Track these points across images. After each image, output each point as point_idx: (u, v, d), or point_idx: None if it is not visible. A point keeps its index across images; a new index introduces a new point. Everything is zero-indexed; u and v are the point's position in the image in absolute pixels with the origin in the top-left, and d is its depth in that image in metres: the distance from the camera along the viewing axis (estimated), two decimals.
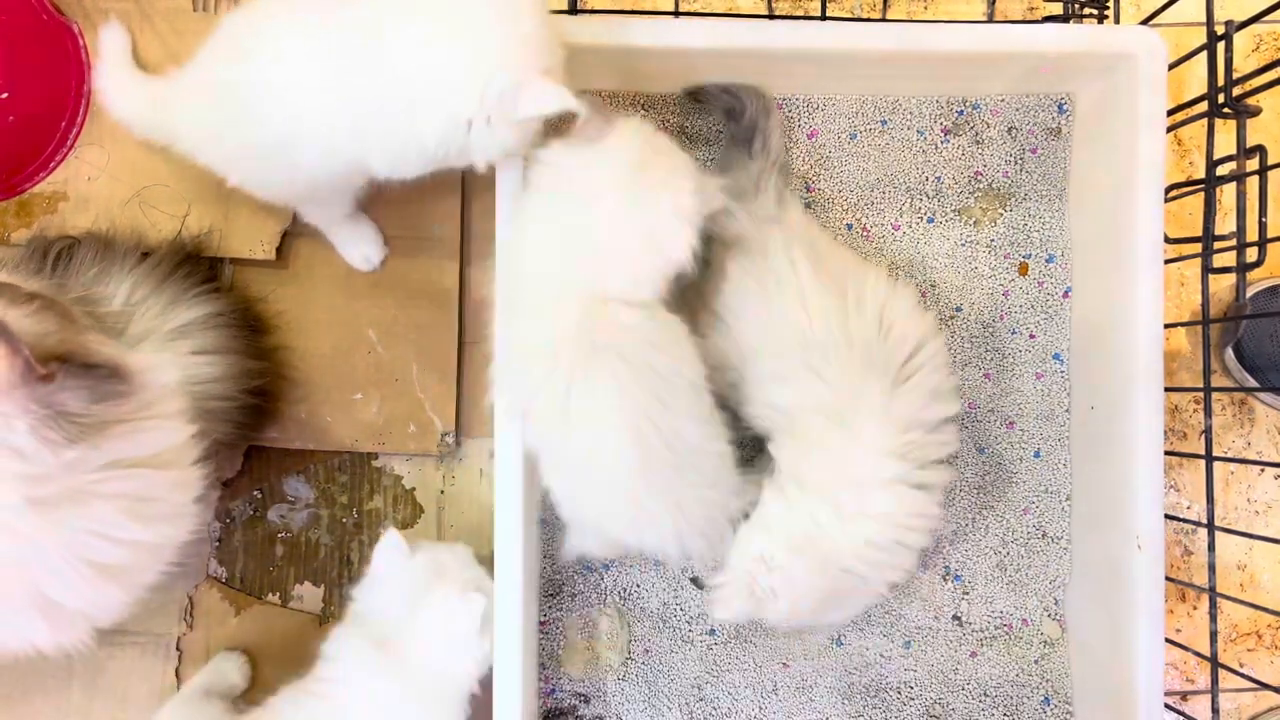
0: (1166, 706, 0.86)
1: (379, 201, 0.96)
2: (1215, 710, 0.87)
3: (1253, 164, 0.86)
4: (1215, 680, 0.88)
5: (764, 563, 0.78)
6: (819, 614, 0.83)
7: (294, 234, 0.98)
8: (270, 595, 0.99)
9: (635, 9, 0.97)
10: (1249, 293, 1.01)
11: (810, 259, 0.83)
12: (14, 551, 0.64)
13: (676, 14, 0.97)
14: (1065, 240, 0.97)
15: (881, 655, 0.95)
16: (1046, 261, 0.97)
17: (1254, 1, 0.83)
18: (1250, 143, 0.86)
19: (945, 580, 0.96)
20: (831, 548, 0.79)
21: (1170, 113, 0.87)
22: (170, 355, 0.82)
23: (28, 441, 0.61)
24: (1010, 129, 0.97)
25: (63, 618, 0.69)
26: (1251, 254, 0.86)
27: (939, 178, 0.97)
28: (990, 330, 0.97)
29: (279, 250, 0.97)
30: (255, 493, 0.99)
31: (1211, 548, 0.89)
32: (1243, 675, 0.89)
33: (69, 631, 0.71)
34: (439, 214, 0.99)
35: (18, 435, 0.61)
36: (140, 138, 0.92)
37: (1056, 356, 0.97)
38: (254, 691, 0.97)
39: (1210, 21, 0.87)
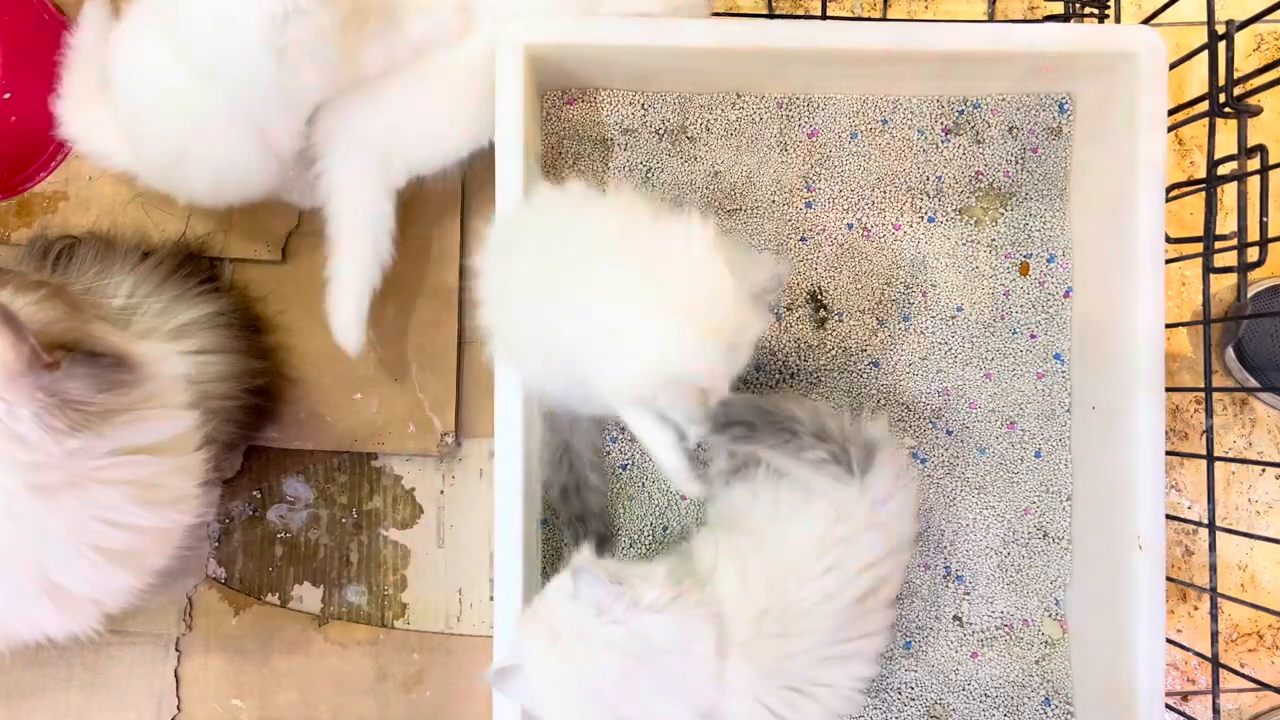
0: (1167, 707, 0.86)
1: None
2: (1216, 710, 0.87)
3: (1254, 164, 0.85)
4: (1216, 681, 0.88)
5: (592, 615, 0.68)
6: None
7: (295, 234, 0.98)
8: (269, 595, 0.99)
9: None
10: (1250, 292, 1.01)
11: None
12: (17, 535, 0.63)
13: None
14: (1066, 240, 0.97)
15: (882, 655, 0.94)
16: (1047, 261, 0.97)
17: (1255, 1, 0.83)
18: (1251, 142, 0.86)
19: (946, 580, 0.96)
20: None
21: (1171, 112, 0.87)
22: (176, 349, 0.82)
23: (31, 429, 0.61)
24: (1011, 128, 0.97)
25: (71, 603, 0.69)
26: (1253, 254, 0.86)
27: (940, 177, 0.97)
28: (991, 330, 0.97)
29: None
30: (255, 493, 0.99)
31: (1213, 548, 0.89)
32: (1243, 675, 0.89)
33: (78, 617, 0.70)
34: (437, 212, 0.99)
35: (21, 423, 0.61)
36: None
37: (1057, 356, 0.97)
38: (255, 694, 0.97)
39: (1211, 21, 0.87)
